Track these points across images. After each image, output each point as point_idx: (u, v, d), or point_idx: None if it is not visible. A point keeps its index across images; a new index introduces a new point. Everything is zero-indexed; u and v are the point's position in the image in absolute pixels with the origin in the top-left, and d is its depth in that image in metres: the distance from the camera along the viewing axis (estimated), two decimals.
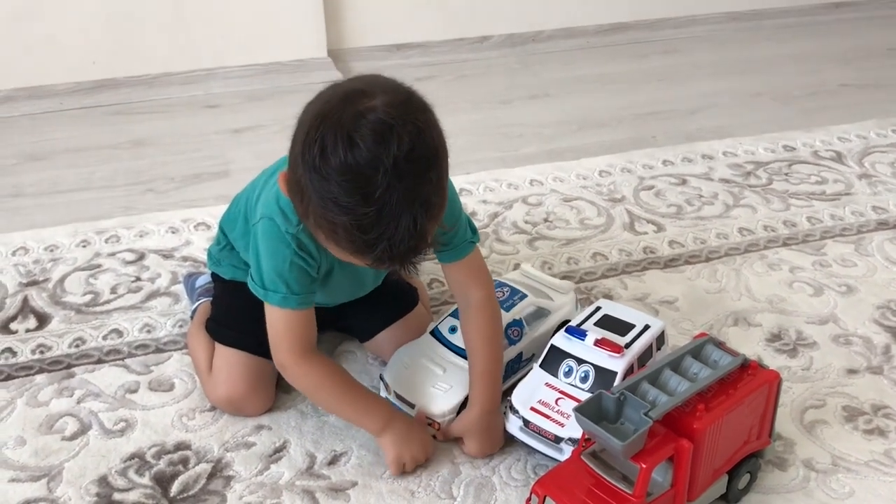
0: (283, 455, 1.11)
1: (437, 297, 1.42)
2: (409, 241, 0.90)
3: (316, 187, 0.89)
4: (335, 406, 1.10)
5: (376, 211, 0.87)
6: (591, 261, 1.54)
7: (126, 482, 1.07)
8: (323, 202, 0.89)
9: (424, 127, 0.90)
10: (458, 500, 1.06)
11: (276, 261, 1.03)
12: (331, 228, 0.91)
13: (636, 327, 1.15)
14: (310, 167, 0.88)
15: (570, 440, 1.05)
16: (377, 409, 1.09)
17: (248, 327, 1.16)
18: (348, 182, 0.87)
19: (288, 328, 1.06)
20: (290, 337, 1.06)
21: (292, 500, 1.05)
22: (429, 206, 0.90)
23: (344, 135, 0.86)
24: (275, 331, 1.07)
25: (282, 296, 1.04)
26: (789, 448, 1.13)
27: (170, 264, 1.50)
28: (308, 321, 1.07)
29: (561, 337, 1.14)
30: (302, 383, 1.09)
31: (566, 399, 1.09)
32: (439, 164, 0.92)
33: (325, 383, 1.08)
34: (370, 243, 0.90)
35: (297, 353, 1.06)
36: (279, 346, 1.07)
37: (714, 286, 1.47)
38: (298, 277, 1.04)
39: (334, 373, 1.09)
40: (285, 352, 1.06)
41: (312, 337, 1.08)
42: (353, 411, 1.09)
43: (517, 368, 1.21)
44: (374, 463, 1.10)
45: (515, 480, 1.08)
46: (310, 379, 1.08)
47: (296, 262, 1.03)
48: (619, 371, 1.09)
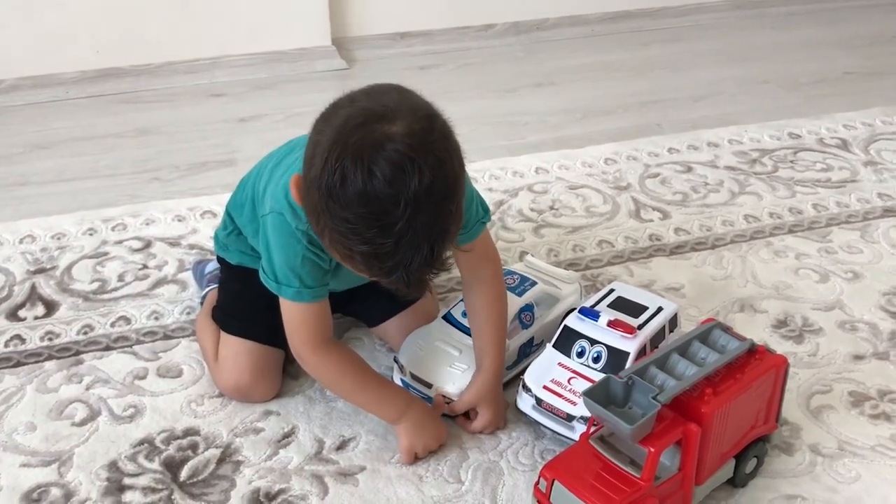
0: (292, 440, 1.12)
1: (443, 284, 1.43)
2: (425, 268, 0.89)
3: (334, 214, 0.87)
4: (353, 395, 1.11)
5: (394, 243, 0.86)
6: (596, 248, 1.54)
7: (136, 467, 1.07)
8: (340, 229, 0.88)
9: (445, 158, 0.88)
10: (466, 484, 1.06)
11: (287, 255, 1.03)
12: (347, 254, 0.90)
13: (649, 309, 1.15)
14: (327, 193, 0.86)
15: (582, 418, 1.06)
16: (394, 397, 1.10)
17: (254, 315, 1.16)
18: (367, 213, 0.85)
19: (303, 321, 1.06)
20: (306, 329, 1.06)
21: (301, 484, 1.05)
22: (446, 234, 0.89)
23: (364, 167, 0.84)
24: (290, 323, 1.07)
25: (295, 290, 1.04)
26: (796, 433, 1.14)
27: (176, 252, 1.50)
28: (323, 313, 1.07)
29: (574, 318, 1.14)
30: (319, 374, 1.10)
31: (578, 379, 1.09)
32: (458, 193, 0.90)
33: (344, 373, 1.09)
34: (387, 271, 0.89)
35: (313, 345, 1.07)
36: (295, 338, 1.07)
37: (720, 273, 1.47)
38: (311, 271, 1.04)
39: (352, 362, 1.10)
40: (301, 344, 1.07)
41: (328, 327, 1.08)
42: (371, 400, 1.10)
43: (529, 353, 1.21)
44: (382, 448, 1.11)
45: (523, 465, 1.09)
46: (327, 369, 1.09)
47: (307, 257, 1.03)
48: (632, 352, 1.09)
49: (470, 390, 1.12)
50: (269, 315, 1.10)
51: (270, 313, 1.09)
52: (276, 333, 1.12)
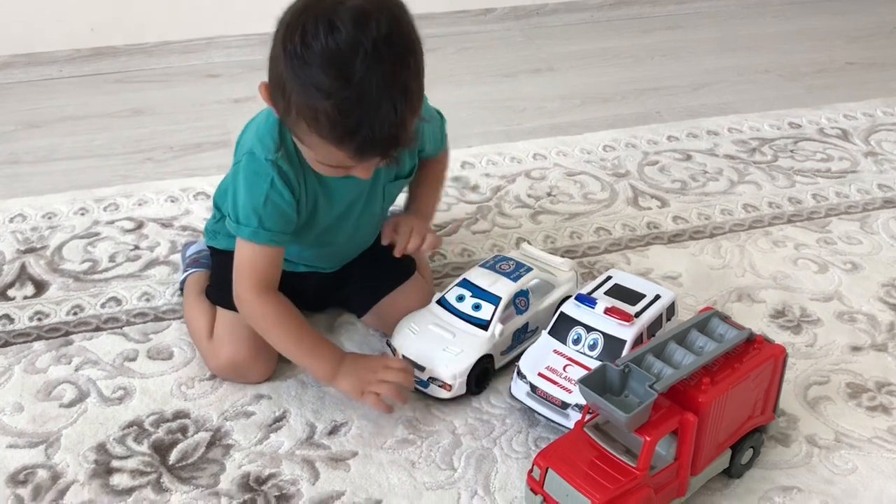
0: (283, 424, 1.10)
1: (437, 269, 1.41)
2: (390, 128, 0.91)
3: (297, 74, 0.90)
4: (289, 346, 1.09)
5: (357, 94, 0.89)
6: (594, 235, 1.52)
7: (124, 450, 1.06)
8: (304, 88, 0.90)
9: (400, 15, 0.93)
10: (459, 471, 1.05)
11: (252, 195, 1.05)
12: (312, 116, 0.92)
13: (646, 297, 1.14)
14: (291, 55, 0.90)
15: (576, 406, 1.04)
16: (330, 352, 1.09)
17: None
18: (329, 65, 0.89)
19: (252, 262, 1.07)
20: (253, 271, 1.07)
21: (292, 469, 1.04)
22: (408, 92, 0.92)
23: (324, 20, 0.89)
24: (240, 265, 1.08)
25: (252, 229, 1.05)
26: (793, 424, 1.13)
27: (169, 233, 1.48)
28: (274, 260, 1.08)
29: (571, 304, 1.13)
30: (258, 319, 1.09)
31: (574, 366, 1.08)
32: (416, 53, 0.94)
33: (282, 322, 1.08)
34: (351, 129, 0.91)
35: (257, 289, 1.07)
36: (241, 279, 1.07)
37: (718, 262, 1.46)
38: (273, 214, 1.05)
39: (291, 314, 1.09)
40: (246, 285, 1.07)
41: (275, 277, 1.09)
42: (306, 353, 1.09)
43: (523, 339, 1.20)
44: (374, 433, 1.09)
45: (517, 452, 1.07)
46: (266, 314, 1.08)
47: (272, 198, 1.04)
48: (628, 340, 1.08)
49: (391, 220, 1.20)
50: None
51: None
52: None
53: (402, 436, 1.09)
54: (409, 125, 0.95)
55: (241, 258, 1.08)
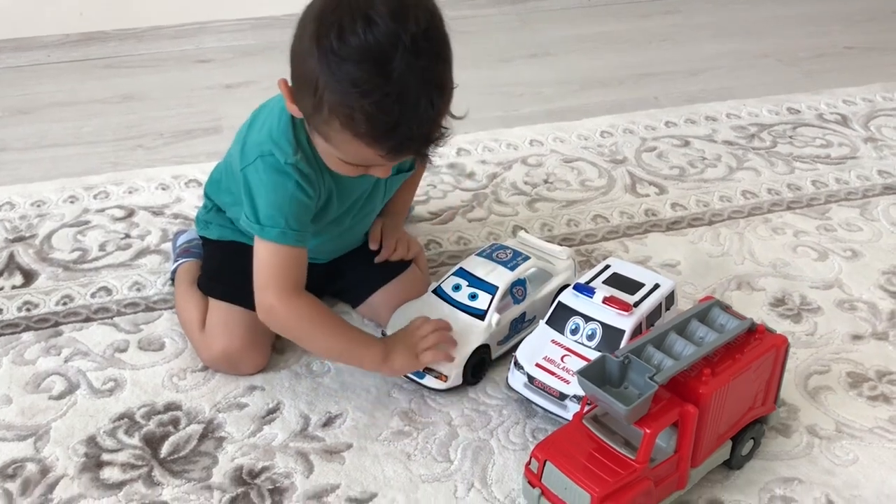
0: (277, 416, 1.08)
1: (433, 258, 1.39)
2: (427, 125, 0.90)
3: (333, 70, 0.87)
4: (332, 342, 1.06)
5: (396, 91, 0.86)
6: (591, 223, 1.50)
7: (115, 443, 1.04)
8: (340, 85, 0.87)
9: (435, 8, 0.90)
10: (456, 463, 1.03)
11: (276, 194, 1.01)
12: (348, 114, 0.89)
13: (645, 286, 1.12)
14: (326, 50, 0.87)
15: (574, 397, 1.03)
16: (371, 338, 1.08)
17: (241, 282, 1.13)
18: (367, 60, 0.86)
19: (282, 265, 1.03)
20: (283, 274, 1.03)
21: (286, 462, 1.02)
22: (443, 88, 0.91)
23: (361, 14, 0.85)
24: (266, 268, 1.03)
25: (279, 230, 1.01)
26: (793, 414, 1.11)
27: (160, 221, 1.46)
28: (302, 261, 1.05)
29: (568, 294, 1.11)
30: (293, 323, 1.04)
31: (572, 356, 1.06)
32: (449, 46, 0.92)
33: (324, 320, 1.05)
34: (390, 126, 0.88)
35: (288, 292, 1.02)
36: (269, 283, 1.02)
37: (717, 249, 1.44)
38: (298, 213, 1.02)
39: (325, 309, 1.07)
40: (275, 289, 1.02)
41: (303, 278, 1.05)
42: (354, 345, 1.06)
43: (520, 328, 1.18)
44: (369, 425, 1.08)
45: (514, 444, 1.06)
46: (301, 318, 1.04)
47: (297, 196, 1.01)
48: (627, 329, 1.06)
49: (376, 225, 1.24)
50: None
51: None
52: None
53: (397, 427, 1.08)
54: (441, 120, 0.92)
55: (268, 263, 1.02)
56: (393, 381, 1.14)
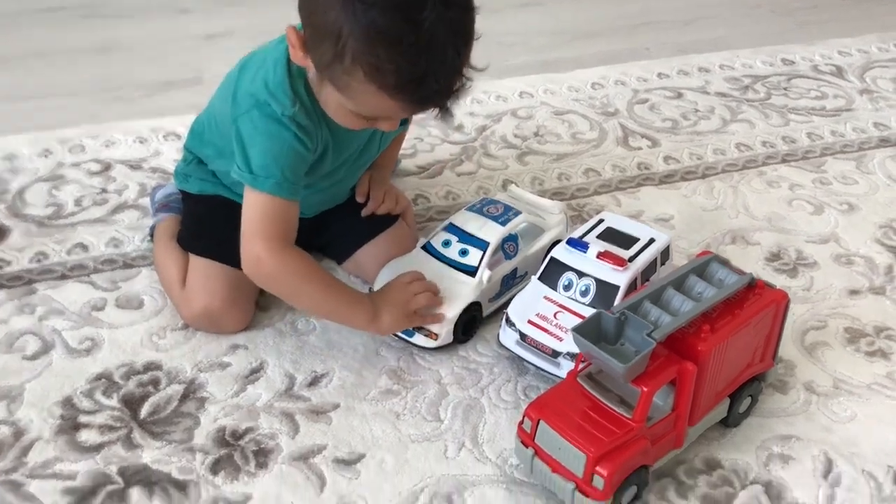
0: (261, 376, 1.05)
1: (421, 213, 1.35)
2: (452, 76, 0.88)
3: (359, 18, 0.83)
4: (320, 298, 1.02)
5: (426, 42, 0.83)
6: (583, 177, 1.46)
7: (92, 404, 1.00)
8: (366, 34, 0.84)
9: None
10: (446, 422, 1.00)
11: (273, 144, 0.97)
12: (373, 64, 0.85)
13: (640, 241, 1.09)
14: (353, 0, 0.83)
15: (568, 355, 1.00)
16: (360, 295, 1.05)
17: (223, 238, 1.09)
18: (397, 10, 0.83)
19: (274, 218, 0.99)
20: (274, 226, 0.98)
21: (270, 422, 0.99)
22: (468, 39, 0.89)
23: None
24: (257, 219, 0.99)
25: (275, 182, 0.97)
26: (790, 370, 1.09)
27: (138, 175, 1.41)
28: (294, 214, 1.01)
29: (561, 249, 1.08)
30: (282, 278, 1.00)
31: (565, 313, 1.03)
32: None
33: (313, 275, 1.01)
34: (417, 77, 0.85)
35: (277, 244, 0.98)
36: (259, 235, 0.98)
37: (711, 203, 1.41)
38: (294, 164, 0.98)
39: (314, 264, 1.03)
40: (264, 241, 0.98)
41: (294, 232, 1.01)
42: (343, 302, 1.03)
43: (511, 284, 1.15)
44: (356, 384, 1.04)
45: (505, 402, 1.03)
46: (291, 273, 1.00)
47: (294, 147, 0.98)
48: (622, 285, 1.03)
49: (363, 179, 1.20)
50: (238, 239, 1.03)
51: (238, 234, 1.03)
52: None
53: (385, 386, 1.05)
54: (464, 71, 0.89)
55: (259, 214, 0.98)
56: (381, 339, 1.10)
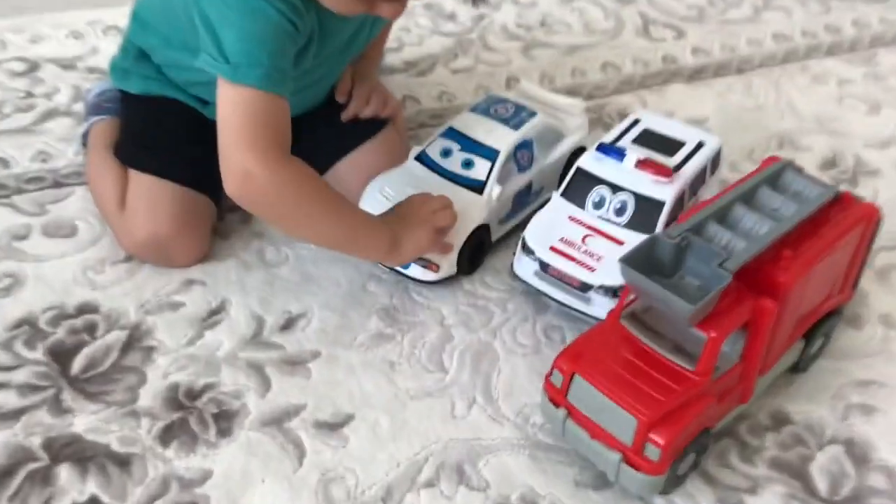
0: (222, 319, 0.85)
1: (410, 118, 1.14)
2: None
3: None
4: (333, 222, 0.81)
5: None
6: (600, 73, 1.25)
7: (12, 358, 0.80)
8: None
9: None
10: (451, 373, 0.82)
11: (255, 23, 0.75)
12: None
13: (686, 145, 0.89)
14: None
15: (601, 288, 0.81)
16: (378, 221, 0.85)
17: (174, 149, 0.91)
18: None
19: (263, 117, 0.76)
20: (266, 131, 0.76)
21: (234, 377, 0.80)
22: None
23: None
24: (242, 123, 0.76)
25: (262, 72, 0.75)
26: (862, 301, 0.91)
27: (71, 77, 1.18)
28: (287, 114, 0.79)
29: (590, 158, 0.87)
30: (279, 195, 0.77)
31: (596, 237, 0.84)
32: None
33: (317, 191, 0.80)
34: None
35: (272, 153, 0.76)
36: (247, 144, 0.75)
37: (750, 102, 1.21)
38: (283, 49, 0.77)
39: (320, 179, 0.82)
40: (254, 150, 0.75)
41: (289, 138, 0.79)
42: (358, 226, 0.83)
43: (526, 203, 0.95)
44: (340, 327, 0.85)
45: (523, 347, 0.84)
46: (293, 187, 0.77)
47: (282, 25, 0.76)
48: (668, 201, 0.83)
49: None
50: (191, 150, 0.88)
51: (193, 148, 0.87)
52: (203, 175, 0.88)
53: (376, 329, 0.85)
54: None
55: (245, 116, 0.76)
56: (369, 270, 0.91)
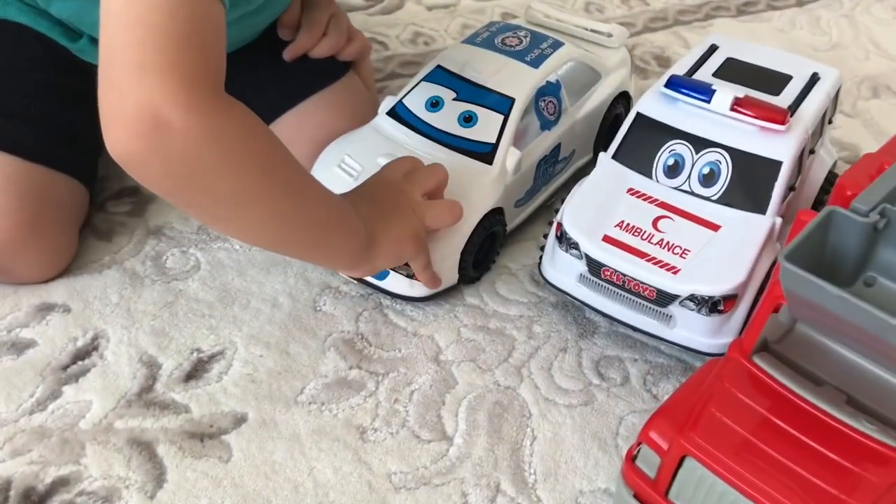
0: (92, 364, 0.55)
1: (377, 67, 0.83)
2: None
3: None
4: (291, 204, 0.49)
5: None
6: (622, 7, 0.95)
7: None
8: None
9: None
10: (457, 440, 0.52)
11: None
12: None
13: (795, 79, 0.59)
14: None
15: (691, 299, 0.51)
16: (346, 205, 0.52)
17: (18, 106, 0.61)
18: None
19: (192, 29, 0.43)
20: (194, 53, 0.44)
21: (106, 463, 0.49)
22: None
23: None
24: (154, 35, 0.43)
25: None
26: None
27: None
28: (222, 31, 0.46)
29: (655, 99, 0.58)
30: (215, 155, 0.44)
31: (675, 218, 0.54)
32: None
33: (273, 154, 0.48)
34: None
35: (205, 89, 0.44)
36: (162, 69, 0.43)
37: (823, 41, 0.92)
38: None
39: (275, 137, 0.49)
40: (178, 84, 0.43)
41: (223, 69, 0.46)
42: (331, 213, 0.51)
43: (552, 174, 0.65)
44: (279, 371, 0.54)
45: (566, 393, 0.54)
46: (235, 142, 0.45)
47: None
48: (787, 160, 0.54)
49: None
50: (49, 108, 0.61)
51: (52, 104, 0.61)
52: (67, 146, 0.61)
53: (335, 373, 0.55)
54: None
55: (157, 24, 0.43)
56: (321, 280, 0.60)
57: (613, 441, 0.51)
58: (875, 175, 0.42)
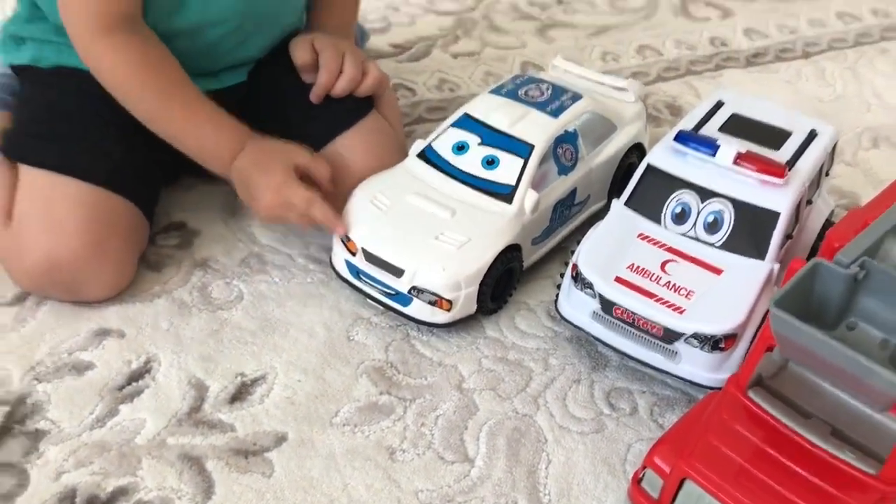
0: (146, 386, 0.60)
1: (405, 112, 0.89)
2: None
3: None
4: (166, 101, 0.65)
5: None
6: (637, 56, 1.01)
7: None
8: None
9: None
10: (478, 462, 0.56)
11: None
12: None
13: (794, 135, 0.64)
14: None
15: (696, 338, 0.56)
16: (229, 118, 0.67)
17: (80, 136, 0.67)
18: None
19: None
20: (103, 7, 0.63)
21: (160, 476, 0.54)
22: None
23: None
24: None
25: None
26: None
27: None
28: None
29: (665, 151, 0.63)
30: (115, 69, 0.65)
31: (681, 262, 0.59)
32: None
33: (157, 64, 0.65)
34: None
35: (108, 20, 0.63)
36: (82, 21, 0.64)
37: (827, 92, 0.97)
38: None
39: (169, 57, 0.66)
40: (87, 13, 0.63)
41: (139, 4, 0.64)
42: (199, 116, 0.65)
43: (568, 216, 0.70)
44: (316, 395, 0.60)
45: (579, 421, 0.59)
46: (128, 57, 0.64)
47: None
48: (784, 210, 0.59)
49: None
50: (108, 138, 0.67)
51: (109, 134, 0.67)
52: (127, 173, 0.67)
53: (367, 398, 0.60)
54: None
55: None
56: (353, 311, 0.65)
57: (622, 466, 0.56)
58: (860, 230, 0.47)
